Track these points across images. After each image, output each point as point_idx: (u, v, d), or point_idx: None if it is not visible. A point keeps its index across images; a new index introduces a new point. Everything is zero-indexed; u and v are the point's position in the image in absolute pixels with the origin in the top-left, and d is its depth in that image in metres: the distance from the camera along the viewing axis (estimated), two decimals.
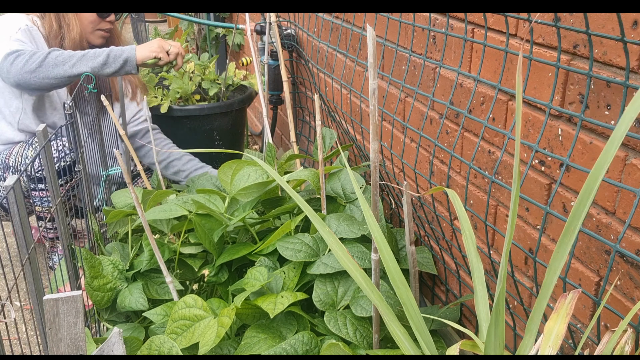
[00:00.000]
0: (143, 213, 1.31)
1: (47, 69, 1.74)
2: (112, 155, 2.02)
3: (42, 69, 1.73)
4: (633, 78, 0.87)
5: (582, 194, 0.72)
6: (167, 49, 1.90)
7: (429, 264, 1.50)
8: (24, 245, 1.11)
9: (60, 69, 1.75)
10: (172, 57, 1.92)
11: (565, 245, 0.75)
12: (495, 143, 1.21)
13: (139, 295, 1.43)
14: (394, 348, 1.24)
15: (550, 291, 0.77)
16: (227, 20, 3.59)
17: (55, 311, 0.74)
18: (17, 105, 1.89)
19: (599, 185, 0.72)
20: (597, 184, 0.71)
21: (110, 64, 1.80)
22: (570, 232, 0.74)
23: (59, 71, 1.75)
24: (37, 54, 1.74)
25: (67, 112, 1.48)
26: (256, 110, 3.33)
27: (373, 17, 1.64)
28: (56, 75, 1.75)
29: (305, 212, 0.96)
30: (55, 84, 1.77)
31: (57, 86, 1.80)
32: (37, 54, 1.74)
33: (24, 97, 1.88)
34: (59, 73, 1.75)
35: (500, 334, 0.80)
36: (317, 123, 1.37)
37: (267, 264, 1.44)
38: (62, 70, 1.75)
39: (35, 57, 1.73)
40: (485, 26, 1.13)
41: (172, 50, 1.91)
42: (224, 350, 1.29)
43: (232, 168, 1.55)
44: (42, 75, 1.74)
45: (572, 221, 0.74)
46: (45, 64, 1.74)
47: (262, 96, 2.16)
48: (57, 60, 1.75)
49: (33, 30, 1.88)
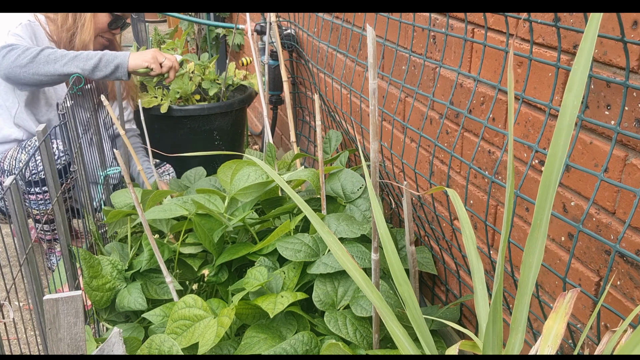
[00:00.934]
0: (143, 213, 1.31)
1: (38, 65, 1.74)
2: (111, 155, 2.02)
3: (33, 65, 1.74)
4: (633, 78, 0.87)
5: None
6: (161, 61, 1.91)
7: (429, 264, 1.50)
8: (23, 246, 1.11)
9: (51, 67, 1.75)
10: (164, 69, 1.93)
11: (535, 240, 0.74)
12: (495, 143, 1.21)
13: (137, 295, 1.43)
14: (394, 348, 1.24)
15: (530, 289, 0.77)
16: (227, 20, 3.59)
17: (55, 311, 0.74)
18: (12, 100, 1.89)
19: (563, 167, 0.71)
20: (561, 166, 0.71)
21: (102, 68, 1.80)
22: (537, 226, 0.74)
23: (49, 69, 1.75)
24: (30, 49, 1.74)
25: (60, 112, 1.47)
26: (256, 110, 3.33)
27: (373, 17, 1.64)
28: (46, 72, 1.75)
29: (304, 212, 0.96)
30: (44, 81, 1.77)
31: (46, 83, 1.80)
32: (31, 49, 1.74)
33: (16, 92, 1.88)
34: (49, 71, 1.75)
35: (498, 332, 0.80)
36: (317, 123, 1.37)
37: (267, 264, 1.44)
38: (53, 68, 1.75)
39: (28, 53, 1.73)
40: (485, 26, 1.13)
41: (166, 63, 1.92)
42: (223, 350, 1.29)
43: (231, 168, 1.55)
44: (32, 72, 1.74)
45: (539, 212, 0.73)
46: (37, 60, 1.74)
47: (263, 96, 2.16)
48: (49, 58, 1.75)
49: (35, 25, 1.89)
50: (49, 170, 1.32)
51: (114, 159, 2.05)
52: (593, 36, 0.67)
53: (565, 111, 0.70)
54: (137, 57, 1.86)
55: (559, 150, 0.70)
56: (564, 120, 0.69)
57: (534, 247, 0.74)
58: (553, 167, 0.71)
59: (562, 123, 0.70)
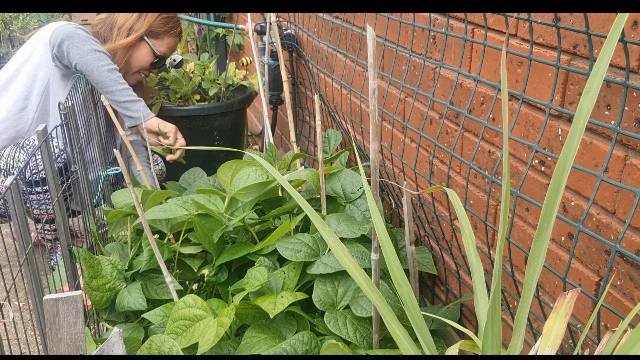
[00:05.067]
0: (143, 213, 1.31)
1: (106, 80, 1.85)
2: (111, 155, 2.02)
3: (105, 75, 1.85)
4: (633, 78, 0.87)
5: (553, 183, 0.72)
6: (177, 137, 1.98)
7: (429, 264, 1.50)
8: (23, 246, 1.11)
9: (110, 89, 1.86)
10: (176, 145, 1.98)
11: (541, 243, 0.75)
12: (495, 143, 1.21)
13: (137, 295, 1.43)
14: (394, 348, 1.24)
15: (533, 291, 0.77)
16: (227, 20, 3.59)
17: (55, 311, 0.74)
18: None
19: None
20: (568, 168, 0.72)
21: (129, 108, 1.90)
22: (543, 229, 0.74)
23: (109, 89, 1.86)
24: (111, 64, 1.86)
25: (62, 113, 1.48)
26: (256, 110, 3.33)
27: (373, 17, 1.64)
28: (105, 88, 1.86)
29: (306, 212, 0.96)
30: (97, 86, 1.87)
31: (87, 75, 1.87)
32: (111, 64, 1.86)
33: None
34: (108, 90, 1.86)
35: (497, 331, 0.80)
36: (317, 123, 1.37)
37: (267, 264, 1.44)
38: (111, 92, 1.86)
39: (109, 66, 1.85)
40: (485, 26, 1.13)
41: (180, 141, 1.99)
42: (223, 350, 1.29)
43: (231, 168, 1.55)
44: (99, 79, 1.84)
45: (545, 216, 0.73)
46: (109, 76, 1.85)
47: (263, 96, 2.16)
48: (116, 81, 1.86)
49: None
50: (49, 170, 1.32)
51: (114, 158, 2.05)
52: (615, 39, 0.67)
53: (580, 114, 0.70)
54: (160, 121, 1.95)
55: (571, 153, 0.70)
56: (577, 124, 0.70)
57: (539, 249, 0.75)
58: (563, 171, 0.71)
59: (576, 126, 0.70)
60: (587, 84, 0.70)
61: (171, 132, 1.95)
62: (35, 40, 1.92)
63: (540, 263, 0.76)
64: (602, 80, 0.70)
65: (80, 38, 1.82)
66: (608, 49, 0.68)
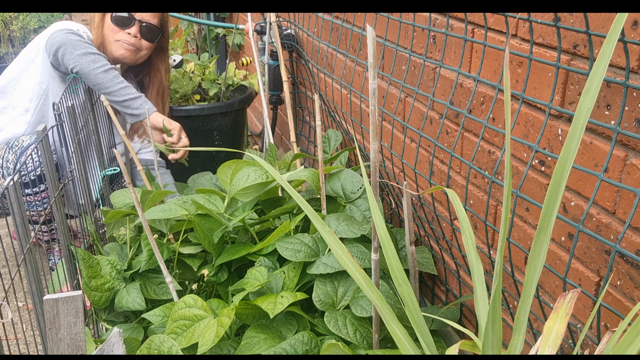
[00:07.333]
0: (142, 213, 1.31)
1: (104, 81, 1.84)
2: (111, 155, 2.02)
3: (101, 76, 1.84)
4: (633, 78, 0.87)
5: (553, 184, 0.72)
6: (181, 137, 1.98)
7: (429, 264, 1.50)
8: (22, 246, 1.11)
9: (109, 89, 1.86)
10: (179, 144, 1.98)
11: (541, 243, 0.74)
12: (495, 143, 1.21)
13: (136, 295, 1.43)
14: (394, 348, 1.24)
15: (533, 291, 0.77)
16: (227, 20, 3.59)
17: (55, 311, 0.74)
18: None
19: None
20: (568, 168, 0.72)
21: (129, 106, 1.89)
22: (544, 228, 0.74)
23: (109, 90, 1.86)
24: (107, 64, 1.86)
25: (56, 113, 1.47)
26: (256, 110, 3.32)
27: (373, 17, 1.64)
28: (95, 81, 1.85)
29: (305, 212, 0.96)
30: (94, 88, 1.87)
31: (84, 79, 1.86)
32: (107, 64, 1.86)
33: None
34: (107, 90, 1.86)
35: (497, 331, 0.80)
36: (317, 123, 1.37)
37: (267, 264, 1.43)
38: (109, 91, 1.86)
39: (102, 62, 1.85)
40: (485, 26, 1.13)
41: (184, 141, 1.98)
42: (223, 350, 1.29)
43: (231, 168, 1.55)
44: (95, 82, 1.84)
45: (545, 216, 0.73)
46: (105, 76, 1.85)
47: (263, 96, 2.16)
48: (112, 81, 1.85)
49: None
50: (47, 170, 1.32)
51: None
52: (615, 39, 0.67)
53: (580, 114, 0.69)
54: (163, 118, 1.94)
55: (571, 153, 0.70)
56: (577, 124, 0.69)
57: (539, 249, 0.74)
58: (563, 171, 0.71)
59: (576, 126, 0.70)
60: (586, 84, 0.70)
61: (175, 129, 1.95)
62: (36, 44, 1.94)
63: (541, 263, 0.76)
64: (602, 80, 0.70)
65: (73, 44, 1.83)
66: (608, 48, 0.68)
